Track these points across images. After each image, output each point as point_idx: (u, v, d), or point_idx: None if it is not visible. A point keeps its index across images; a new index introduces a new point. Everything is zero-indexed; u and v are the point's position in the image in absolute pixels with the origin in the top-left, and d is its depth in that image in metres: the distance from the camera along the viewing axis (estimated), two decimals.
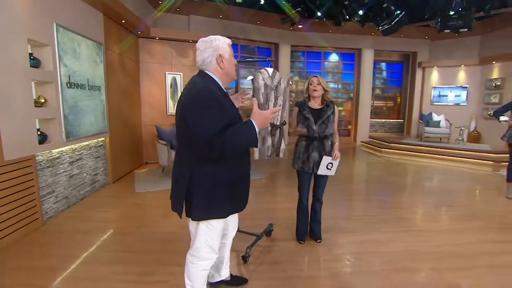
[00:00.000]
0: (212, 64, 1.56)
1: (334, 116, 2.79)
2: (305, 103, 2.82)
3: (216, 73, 1.59)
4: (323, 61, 10.36)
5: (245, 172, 1.73)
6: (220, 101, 1.47)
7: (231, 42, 1.66)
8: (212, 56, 1.55)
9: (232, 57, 1.63)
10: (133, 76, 5.97)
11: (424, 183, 5.77)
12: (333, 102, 2.84)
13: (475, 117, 9.11)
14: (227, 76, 1.63)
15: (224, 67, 1.58)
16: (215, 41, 1.56)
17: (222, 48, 1.57)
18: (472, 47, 9.23)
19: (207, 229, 1.65)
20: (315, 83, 2.72)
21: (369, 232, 3.31)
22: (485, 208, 4.24)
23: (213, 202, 1.57)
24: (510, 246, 3.06)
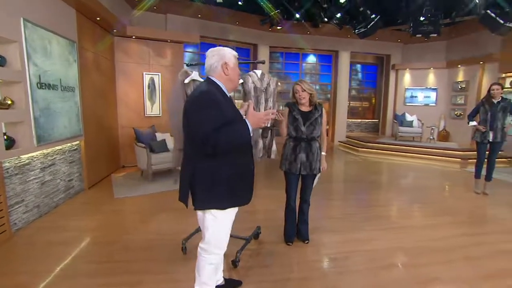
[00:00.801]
0: (218, 70, 1.73)
1: (322, 118, 2.85)
2: (295, 104, 2.86)
3: (220, 78, 1.75)
4: (301, 62, 10.53)
5: (246, 169, 1.83)
6: (218, 103, 1.62)
7: (237, 55, 1.84)
8: (218, 62, 1.72)
9: (236, 66, 1.81)
10: (108, 76, 5.72)
11: (400, 181, 6.03)
12: (321, 104, 2.90)
13: (444, 117, 9.66)
14: (231, 82, 1.79)
15: (228, 74, 1.75)
16: (222, 51, 1.76)
17: (228, 57, 1.75)
18: (440, 51, 9.79)
19: (213, 221, 1.77)
20: (300, 91, 2.76)
21: (353, 231, 3.41)
22: (455, 203, 4.50)
23: (214, 193, 1.71)
24: (480, 238, 3.27)
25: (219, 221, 1.79)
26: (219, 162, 1.68)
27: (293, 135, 2.84)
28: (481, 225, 3.68)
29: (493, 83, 4.66)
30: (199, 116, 1.59)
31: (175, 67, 6.69)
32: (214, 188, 1.70)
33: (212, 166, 1.68)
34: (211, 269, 1.90)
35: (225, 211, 1.78)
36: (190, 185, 1.74)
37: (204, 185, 1.70)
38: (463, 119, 8.86)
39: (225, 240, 1.88)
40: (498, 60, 7.89)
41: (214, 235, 1.81)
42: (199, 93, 1.66)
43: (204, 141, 1.57)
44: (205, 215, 1.79)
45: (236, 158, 1.73)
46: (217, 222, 1.79)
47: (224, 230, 1.84)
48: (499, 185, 5.37)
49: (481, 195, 4.82)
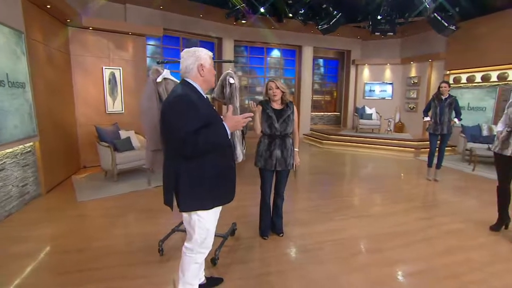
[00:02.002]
0: (194, 71, 1.74)
1: (294, 115, 2.96)
2: (268, 102, 2.93)
3: (196, 80, 1.77)
4: (266, 56, 10.62)
5: (228, 168, 1.87)
6: (195, 105, 1.63)
7: (212, 55, 1.86)
8: (194, 64, 1.73)
9: (212, 67, 1.82)
10: (64, 71, 5.30)
11: (361, 171, 6.45)
12: (292, 102, 3.00)
13: (399, 109, 10.43)
14: (206, 83, 1.82)
15: (204, 75, 1.77)
16: (198, 52, 1.76)
17: (203, 58, 1.76)
18: (395, 48, 10.49)
19: (199, 221, 1.80)
20: (274, 88, 2.85)
21: (323, 222, 3.61)
22: (411, 190, 4.95)
23: (197, 195, 1.74)
24: (433, 221, 3.67)
25: (204, 221, 1.82)
26: (200, 163, 1.70)
27: (268, 133, 2.92)
28: (433, 209, 4.11)
29: (442, 81, 5.17)
30: (177, 119, 1.60)
31: (138, 61, 6.41)
32: (198, 190, 1.73)
33: (193, 168, 1.70)
34: (196, 268, 1.94)
35: (210, 211, 1.82)
36: (174, 188, 1.75)
37: (187, 188, 1.72)
38: (416, 112, 9.66)
39: (210, 238, 1.92)
40: (444, 58, 8.69)
41: (200, 234, 1.84)
42: (176, 96, 1.66)
43: (182, 144, 1.59)
44: (190, 216, 1.81)
45: (217, 158, 1.76)
46: (202, 222, 1.82)
47: (210, 229, 1.88)
48: (446, 171, 6.00)
49: (432, 181, 5.36)
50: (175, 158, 1.71)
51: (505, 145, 3.10)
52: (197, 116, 1.62)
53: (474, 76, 8.01)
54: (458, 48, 8.24)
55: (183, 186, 1.72)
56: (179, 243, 2.91)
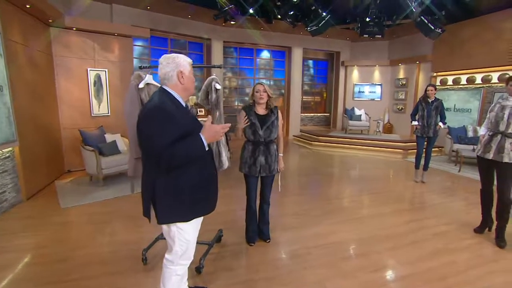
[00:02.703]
0: (173, 79, 1.68)
1: (278, 121, 2.94)
2: (251, 108, 2.89)
3: (175, 88, 1.70)
4: (255, 57, 10.60)
5: (208, 177, 1.82)
6: (172, 116, 1.58)
7: (192, 62, 1.80)
8: (173, 71, 1.67)
9: (191, 74, 1.76)
10: (46, 73, 5.16)
11: (351, 173, 6.49)
12: (276, 107, 2.98)
13: (388, 110, 10.56)
14: (186, 91, 1.75)
15: (184, 83, 1.71)
16: (177, 58, 1.70)
17: (183, 65, 1.70)
18: (383, 50, 10.62)
19: (179, 233, 1.75)
20: (261, 91, 2.82)
21: (312, 226, 3.60)
22: (399, 192, 5.01)
23: (176, 206, 1.69)
24: (420, 223, 3.71)
25: (184, 232, 1.77)
26: (178, 174, 1.65)
27: (251, 139, 2.89)
28: (420, 211, 4.16)
29: (428, 84, 5.24)
30: (152, 131, 1.54)
31: (124, 62, 6.29)
32: (176, 201, 1.68)
33: (171, 179, 1.65)
34: (177, 281, 1.88)
35: (190, 222, 1.77)
36: (152, 199, 1.70)
37: (165, 199, 1.67)
38: (405, 113, 9.79)
39: (191, 250, 1.87)
40: (431, 60, 8.84)
41: (181, 246, 1.79)
42: (151, 106, 1.60)
43: (158, 156, 1.54)
44: (170, 228, 1.76)
45: (196, 168, 1.72)
46: (182, 234, 1.77)
47: (191, 241, 1.83)
48: (433, 173, 6.09)
49: (420, 183, 5.43)
50: (152, 168, 1.66)
51: (487, 149, 3.15)
52: (174, 128, 1.57)
53: (459, 78, 8.17)
54: (444, 50, 8.40)
55: (161, 197, 1.67)
56: (163, 251, 2.84)
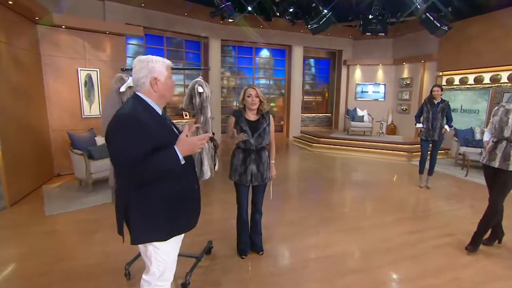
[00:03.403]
0: (146, 86, 1.56)
1: (270, 127, 2.81)
2: (241, 113, 2.76)
3: (150, 95, 1.58)
4: (255, 56, 10.46)
5: (188, 191, 1.70)
6: (144, 126, 1.46)
7: (171, 64, 1.67)
8: (147, 77, 1.54)
9: (169, 79, 1.61)
10: (33, 73, 5.04)
11: (352, 177, 6.33)
12: (269, 112, 2.84)
13: (392, 111, 10.38)
14: (162, 98, 1.62)
15: (158, 90, 1.57)
16: (152, 63, 1.55)
17: (158, 71, 1.56)
18: (387, 48, 10.43)
19: (155, 253, 1.64)
20: (253, 95, 2.68)
21: (308, 236, 3.46)
22: (402, 199, 4.85)
23: (152, 225, 1.57)
24: (423, 234, 3.55)
25: (162, 252, 1.65)
26: (153, 188, 1.53)
27: (242, 147, 2.76)
28: (424, 220, 4.00)
29: (434, 85, 5.07)
30: (121, 142, 1.43)
31: (117, 62, 6.16)
32: (152, 218, 1.56)
33: (145, 194, 1.53)
34: None
35: (168, 241, 1.64)
36: (125, 217, 1.58)
37: (138, 217, 1.55)
38: (409, 113, 9.61)
39: (170, 270, 1.76)
40: (436, 59, 8.65)
41: (158, 267, 1.68)
42: (122, 116, 1.47)
43: (127, 170, 1.43)
44: (146, 247, 1.64)
45: (173, 182, 1.59)
46: (159, 254, 1.65)
47: (169, 261, 1.71)
48: (439, 177, 5.92)
49: (424, 188, 5.27)
50: (125, 182, 1.55)
51: (492, 156, 3.00)
52: (146, 139, 1.44)
53: (467, 78, 7.98)
54: (450, 49, 8.21)
55: (134, 215, 1.55)
56: None
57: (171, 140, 1.53)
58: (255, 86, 2.75)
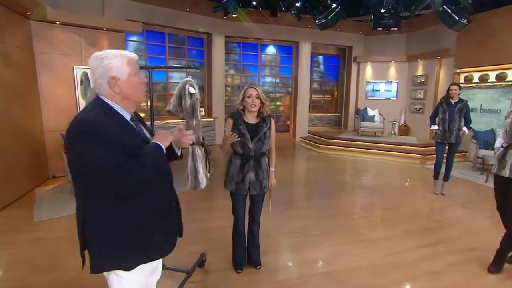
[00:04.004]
0: (104, 87, 1.34)
1: (271, 131, 2.62)
2: (240, 115, 2.56)
3: (112, 98, 1.36)
4: (260, 53, 10.25)
5: (162, 210, 1.47)
6: (102, 135, 1.24)
7: (136, 57, 1.43)
8: (103, 78, 1.32)
9: (134, 77, 1.38)
10: (26, 71, 4.95)
11: (361, 182, 6.07)
12: (270, 115, 2.65)
13: (404, 111, 10.03)
14: (128, 100, 1.39)
15: (121, 91, 1.35)
16: (107, 59, 1.32)
17: (116, 68, 1.33)
18: (400, 44, 10.08)
19: (119, 283, 1.41)
20: (254, 96, 2.47)
21: (312, 248, 3.25)
22: (415, 207, 4.57)
23: (114, 250, 1.36)
24: (438, 248, 3.28)
25: (126, 282, 1.41)
26: (120, 205, 1.32)
27: (240, 152, 2.57)
28: (439, 231, 3.73)
29: (452, 83, 4.77)
30: (81, 152, 1.23)
31: None
32: (115, 243, 1.34)
33: (110, 213, 1.32)
34: None
35: (134, 271, 1.41)
36: (84, 239, 1.37)
37: (98, 241, 1.35)
38: (423, 113, 9.25)
39: None
40: (454, 55, 8.27)
41: None
42: (77, 120, 1.27)
43: (100, 183, 1.23)
44: (108, 275, 1.42)
45: (146, 198, 1.37)
46: (124, 284, 1.41)
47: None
48: (455, 183, 5.61)
49: (439, 195, 4.98)
50: (85, 198, 1.34)
51: (502, 164, 2.72)
52: (110, 148, 1.24)
53: (487, 75, 7.58)
54: (470, 44, 7.79)
55: (93, 238, 1.34)
56: None
57: (137, 149, 1.33)
58: (256, 85, 2.57)
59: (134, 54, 1.41)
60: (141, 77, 1.42)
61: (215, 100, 9.07)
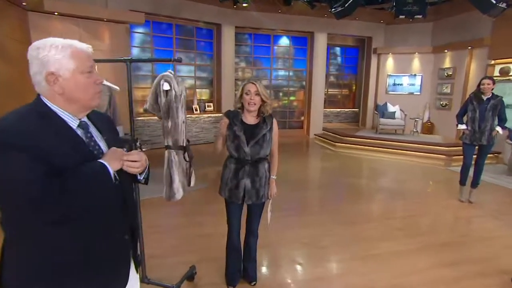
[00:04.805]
0: (42, 85, 1.08)
1: (272, 133, 2.33)
2: (237, 114, 2.29)
3: (53, 99, 1.10)
4: (273, 45, 9.89)
5: (102, 246, 1.16)
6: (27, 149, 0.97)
7: (88, 49, 1.14)
8: (40, 74, 1.06)
9: (82, 75, 1.10)
10: (23, 65, 4.83)
11: (378, 185, 5.67)
12: (272, 116, 2.36)
13: (429, 107, 9.43)
14: (72, 103, 1.11)
15: (63, 92, 1.08)
16: (44, 50, 1.06)
17: (55, 62, 1.06)
18: (425, 33, 9.43)
19: None
20: (253, 93, 2.19)
21: (317, 263, 2.97)
22: (438, 217, 4.17)
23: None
24: (461, 270, 2.88)
25: None
26: (46, 238, 1.04)
27: (235, 156, 2.31)
28: (463, 248, 3.32)
29: (484, 77, 4.30)
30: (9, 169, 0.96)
31: (118, 52, 5.91)
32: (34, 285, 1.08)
33: (29, 248, 1.06)
34: None
35: None
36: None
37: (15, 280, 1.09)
38: (450, 110, 8.64)
39: None
40: (488, 45, 7.59)
41: None
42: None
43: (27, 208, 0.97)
44: None
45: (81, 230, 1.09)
46: None
47: None
48: (486, 189, 5.08)
49: (466, 203, 4.53)
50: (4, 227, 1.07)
51: None
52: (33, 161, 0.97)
53: None
54: (508, 31, 7.07)
55: (9, 278, 1.10)
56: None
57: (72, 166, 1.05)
58: (257, 81, 2.25)
59: (84, 45, 1.13)
60: (94, 75, 1.14)
61: (224, 95, 8.84)
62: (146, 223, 3.70)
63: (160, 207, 3.92)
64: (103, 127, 1.25)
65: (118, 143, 1.25)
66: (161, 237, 3.38)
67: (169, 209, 4.04)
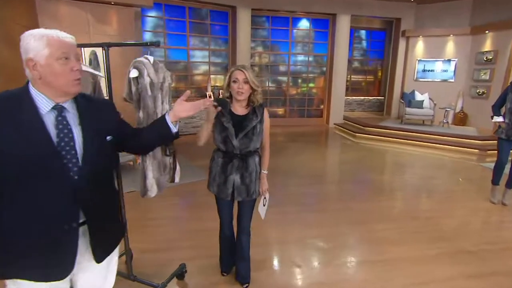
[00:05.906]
0: (27, 71, 1.22)
1: (263, 125, 2.17)
2: (226, 104, 2.09)
3: (35, 84, 1.22)
4: (291, 28, 9.48)
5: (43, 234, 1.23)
6: None
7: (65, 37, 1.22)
8: (24, 60, 1.21)
9: (56, 61, 1.18)
10: None
11: (400, 182, 5.29)
12: (263, 105, 2.19)
13: (462, 95, 8.73)
14: (49, 88, 1.21)
15: (40, 76, 1.19)
16: (25, 39, 1.19)
17: (33, 49, 1.18)
18: (463, 13, 8.65)
19: None
20: (241, 80, 2.01)
21: (320, 265, 2.78)
22: (464, 219, 3.81)
23: None
24: (489, 283, 2.57)
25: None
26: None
27: (222, 149, 2.17)
28: (492, 257, 2.97)
29: None
30: None
31: (126, 37, 5.87)
32: None
33: None
34: None
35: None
36: None
37: None
38: (487, 99, 7.94)
39: None
40: None
41: None
42: None
43: None
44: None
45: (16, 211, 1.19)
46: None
47: None
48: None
49: (499, 205, 4.11)
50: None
51: None
52: None
53: None
54: None
55: None
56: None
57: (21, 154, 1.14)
58: (246, 67, 2.06)
59: (62, 33, 1.21)
60: (71, 62, 1.21)
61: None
62: (144, 215, 3.69)
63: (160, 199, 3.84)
64: (92, 114, 1.30)
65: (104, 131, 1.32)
66: (158, 230, 3.31)
67: (171, 201, 3.96)
